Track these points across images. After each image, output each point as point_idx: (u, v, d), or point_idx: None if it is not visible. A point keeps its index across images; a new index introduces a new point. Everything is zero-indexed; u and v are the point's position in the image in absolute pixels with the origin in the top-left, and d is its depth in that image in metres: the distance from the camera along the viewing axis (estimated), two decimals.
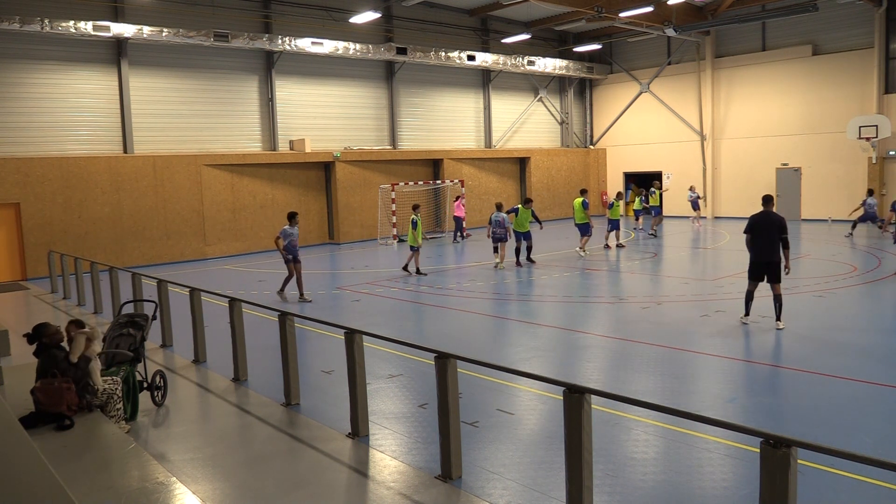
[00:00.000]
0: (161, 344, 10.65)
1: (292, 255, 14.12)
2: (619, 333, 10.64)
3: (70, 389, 6.22)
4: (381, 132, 27.26)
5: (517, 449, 6.33)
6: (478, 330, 11.50)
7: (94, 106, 20.74)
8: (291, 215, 14.39)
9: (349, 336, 6.72)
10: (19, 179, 19.05)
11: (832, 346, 9.61)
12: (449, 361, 5.64)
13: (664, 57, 31.50)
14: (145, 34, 20.30)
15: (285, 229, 14.17)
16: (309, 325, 11.03)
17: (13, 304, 15.58)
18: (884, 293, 13.22)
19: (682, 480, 5.60)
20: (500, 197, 29.87)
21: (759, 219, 10.47)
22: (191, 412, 7.86)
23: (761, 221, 10.41)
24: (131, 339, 7.56)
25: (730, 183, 29.91)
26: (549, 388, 7.51)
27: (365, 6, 23.99)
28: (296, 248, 14.19)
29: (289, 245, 14.07)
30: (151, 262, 21.02)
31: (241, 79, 23.59)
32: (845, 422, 6.78)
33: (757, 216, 10.53)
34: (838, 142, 26.20)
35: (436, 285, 15.68)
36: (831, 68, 26.55)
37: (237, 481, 5.85)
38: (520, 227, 17.97)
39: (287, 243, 14.05)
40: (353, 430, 6.70)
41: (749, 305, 10.76)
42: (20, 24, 18.28)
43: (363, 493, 5.67)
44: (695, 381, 8.52)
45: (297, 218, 14.44)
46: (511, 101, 31.84)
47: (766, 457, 3.63)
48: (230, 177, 22.99)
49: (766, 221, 10.38)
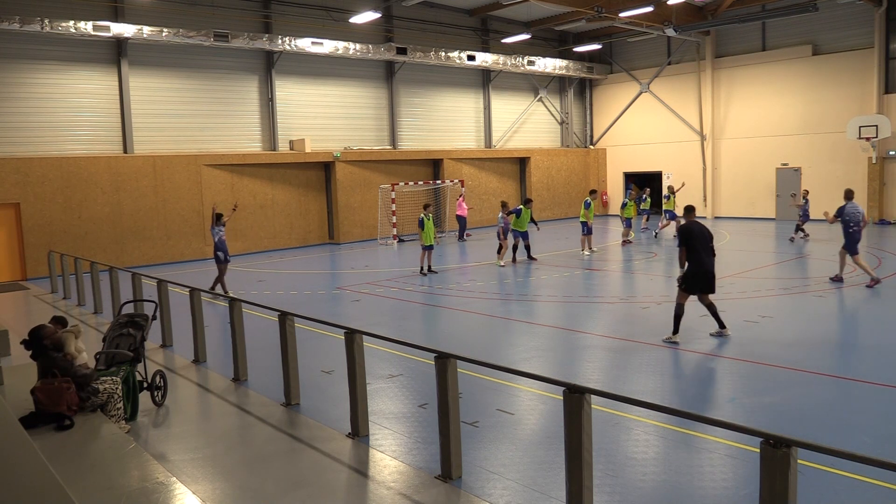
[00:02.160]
0: (161, 344, 10.65)
1: (223, 253, 14.56)
2: (619, 333, 10.64)
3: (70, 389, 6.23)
4: (381, 132, 27.26)
5: (517, 449, 6.33)
6: (478, 330, 11.50)
7: (94, 106, 20.74)
8: (218, 216, 14.89)
9: (349, 336, 6.73)
10: (19, 179, 19.05)
11: (832, 346, 9.61)
12: (449, 361, 5.64)
13: (664, 57, 31.50)
14: (145, 34, 20.30)
15: (214, 229, 14.70)
16: (309, 325, 11.03)
17: (13, 304, 15.58)
18: (884, 293, 13.21)
19: (682, 480, 5.60)
20: (500, 197, 29.90)
21: (694, 229, 9.81)
22: (191, 412, 7.86)
23: (697, 232, 9.79)
24: (131, 339, 7.56)
25: (730, 183, 29.91)
26: (549, 388, 7.51)
27: (365, 6, 23.99)
28: (225, 246, 14.69)
29: (219, 242, 14.57)
30: (151, 262, 21.02)
31: (241, 79, 23.59)
32: (845, 422, 6.78)
33: (691, 226, 9.85)
34: (838, 142, 26.20)
35: (436, 285, 15.68)
36: (831, 68, 26.55)
37: (237, 481, 5.85)
38: (520, 226, 17.99)
39: (217, 240, 14.58)
40: (353, 430, 6.70)
41: (679, 322, 9.91)
42: (20, 24, 18.28)
43: (363, 493, 5.67)
44: (695, 381, 8.52)
45: (223, 218, 14.94)
46: (511, 101, 31.84)
47: (766, 457, 3.63)
48: (230, 177, 22.99)
49: (701, 231, 9.86)
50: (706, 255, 9.81)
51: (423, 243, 17.10)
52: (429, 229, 16.95)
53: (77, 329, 6.96)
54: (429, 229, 16.95)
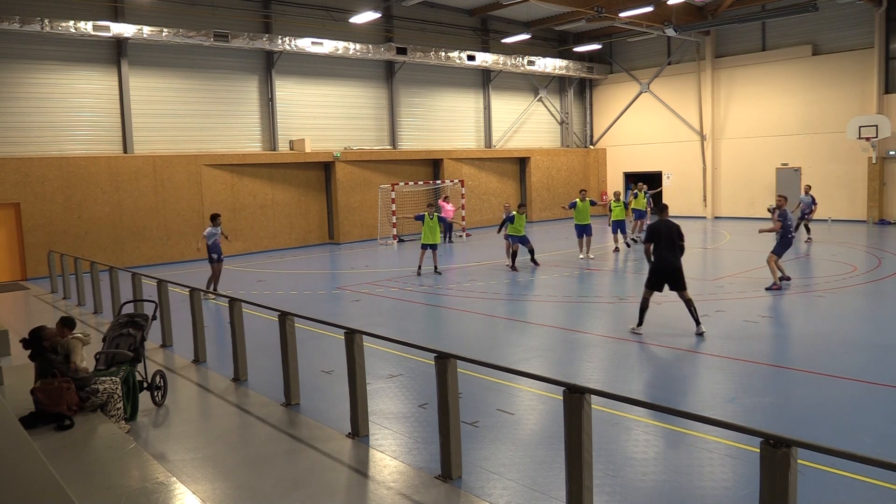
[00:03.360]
0: (161, 344, 10.65)
1: (216, 254, 14.69)
2: (619, 333, 10.64)
3: (70, 389, 6.23)
4: (381, 132, 27.26)
5: (517, 449, 6.33)
6: (478, 330, 11.50)
7: (94, 106, 20.74)
8: (214, 216, 15.04)
9: (349, 336, 6.72)
10: (19, 179, 19.05)
11: (832, 346, 9.61)
12: (449, 361, 5.64)
13: (664, 57, 31.50)
14: (145, 34, 20.30)
15: (209, 230, 14.76)
16: (309, 325, 11.03)
17: (13, 304, 15.58)
18: (884, 293, 13.22)
19: (682, 480, 5.60)
20: (500, 197, 29.89)
21: (660, 227, 10.34)
22: (191, 412, 7.86)
23: (663, 229, 10.30)
24: (131, 339, 7.56)
25: (730, 183, 29.90)
26: (549, 388, 7.51)
27: (365, 6, 23.99)
28: (219, 247, 14.80)
29: (213, 244, 14.63)
30: (151, 262, 21.02)
31: (241, 79, 23.59)
32: (845, 422, 6.78)
33: (658, 224, 10.40)
34: (838, 142, 26.20)
35: (436, 285, 15.68)
36: (831, 68, 26.55)
37: (237, 481, 5.85)
38: (516, 231, 17.89)
39: (211, 243, 14.62)
40: (353, 430, 6.70)
41: (644, 315, 10.41)
42: (20, 24, 18.28)
43: (363, 493, 5.67)
44: (695, 381, 8.52)
45: (219, 219, 15.06)
46: (511, 101, 31.84)
47: (766, 457, 3.63)
48: (230, 177, 22.99)
49: (667, 229, 10.29)
50: (668, 253, 10.19)
51: (422, 242, 17.07)
52: (430, 228, 16.87)
53: (87, 338, 6.91)
54: (430, 228, 16.87)
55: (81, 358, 6.65)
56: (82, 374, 6.52)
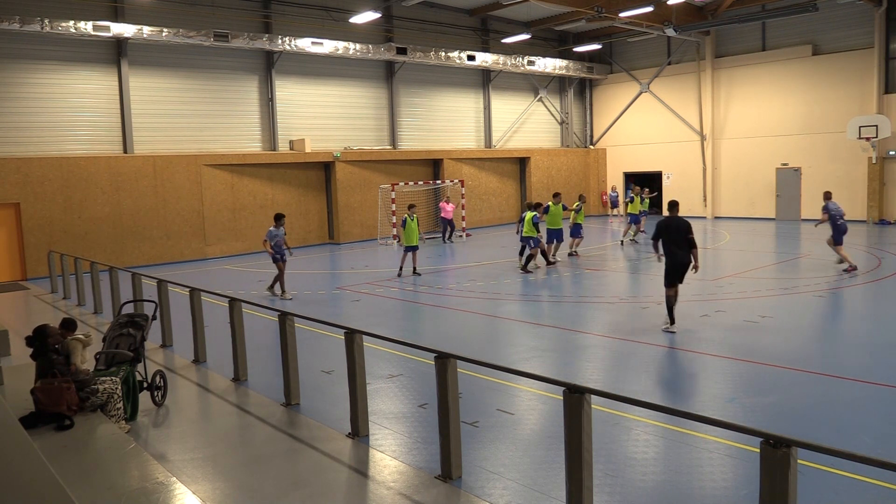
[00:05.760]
0: (161, 344, 10.65)
1: (280, 254, 14.65)
2: (619, 333, 10.64)
3: (70, 389, 6.23)
4: (381, 132, 27.25)
5: (517, 449, 6.33)
6: (478, 330, 11.50)
7: (94, 106, 20.73)
8: (278, 217, 14.93)
9: (349, 336, 6.72)
10: (19, 179, 19.05)
11: (832, 346, 9.61)
12: (449, 361, 5.64)
13: (664, 57, 31.50)
14: (145, 34, 20.29)
15: (271, 230, 14.69)
16: (309, 325, 11.02)
17: (13, 304, 15.58)
18: (884, 293, 13.22)
19: (682, 480, 5.60)
20: (500, 197, 29.87)
21: (667, 223, 10.51)
22: (191, 412, 7.86)
23: (671, 226, 10.47)
24: (131, 339, 7.56)
25: (730, 183, 29.89)
26: (549, 388, 7.51)
27: (365, 6, 23.99)
28: (282, 248, 14.68)
29: (275, 245, 14.61)
30: (151, 262, 21.01)
31: (241, 79, 23.58)
32: (845, 422, 6.78)
33: (667, 221, 10.56)
34: (838, 142, 26.19)
35: (436, 285, 15.67)
36: (831, 68, 26.54)
37: (237, 481, 5.84)
38: (553, 224, 18.23)
39: (273, 244, 14.58)
40: (353, 430, 6.70)
41: (673, 312, 10.58)
42: (20, 24, 18.27)
43: (363, 493, 5.67)
44: (695, 381, 8.52)
45: (283, 220, 14.95)
46: (511, 101, 31.83)
47: (766, 457, 3.63)
48: (230, 177, 22.98)
49: (675, 226, 10.45)
50: (677, 249, 10.43)
51: (404, 244, 17.11)
52: (411, 230, 16.90)
53: (88, 339, 6.91)
54: (411, 230, 16.90)
55: (82, 359, 6.66)
56: (82, 375, 6.53)
